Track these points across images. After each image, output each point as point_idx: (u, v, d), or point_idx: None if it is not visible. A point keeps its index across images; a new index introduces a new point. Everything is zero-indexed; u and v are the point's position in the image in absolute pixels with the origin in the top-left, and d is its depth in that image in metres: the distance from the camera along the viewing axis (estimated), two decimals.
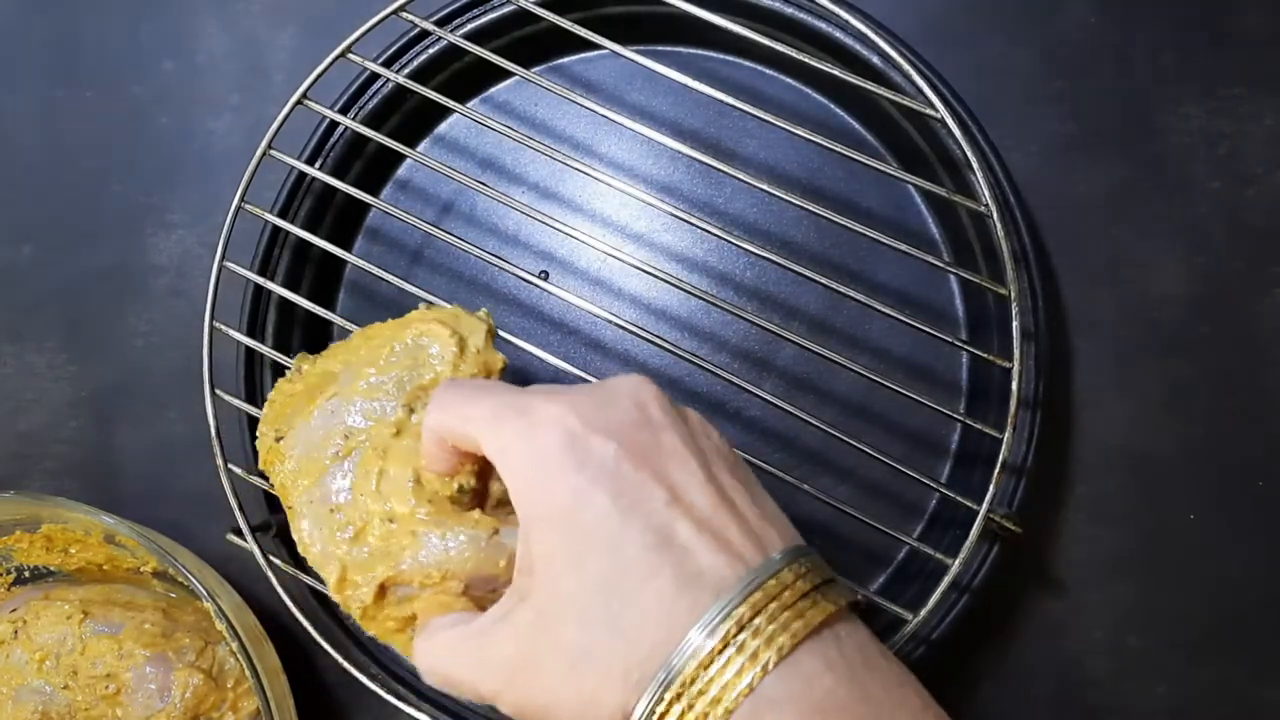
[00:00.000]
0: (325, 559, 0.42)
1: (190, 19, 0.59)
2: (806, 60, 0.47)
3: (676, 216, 0.47)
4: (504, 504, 0.41)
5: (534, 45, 0.55)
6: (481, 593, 0.39)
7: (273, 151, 0.50)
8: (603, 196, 0.56)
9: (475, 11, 0.53)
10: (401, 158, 0.57)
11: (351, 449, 0.42)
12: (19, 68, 0.60)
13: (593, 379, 0.46)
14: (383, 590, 0.40)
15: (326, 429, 0.42)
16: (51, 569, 0.54)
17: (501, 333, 0.46)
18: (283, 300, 0.52)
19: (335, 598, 0.43)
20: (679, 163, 0.56)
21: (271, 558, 0.48)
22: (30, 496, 0.50)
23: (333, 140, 0.54)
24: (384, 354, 0.43)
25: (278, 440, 0.43)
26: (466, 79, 0.55)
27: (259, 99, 0.59)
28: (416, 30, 0.52)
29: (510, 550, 0.39)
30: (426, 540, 0.39)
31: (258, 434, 0.45)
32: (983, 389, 0.52)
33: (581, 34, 0.48)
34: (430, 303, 0.46)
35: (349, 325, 0.49)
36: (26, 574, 0.54)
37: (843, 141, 0.47)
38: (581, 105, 0.48)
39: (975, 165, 0.47)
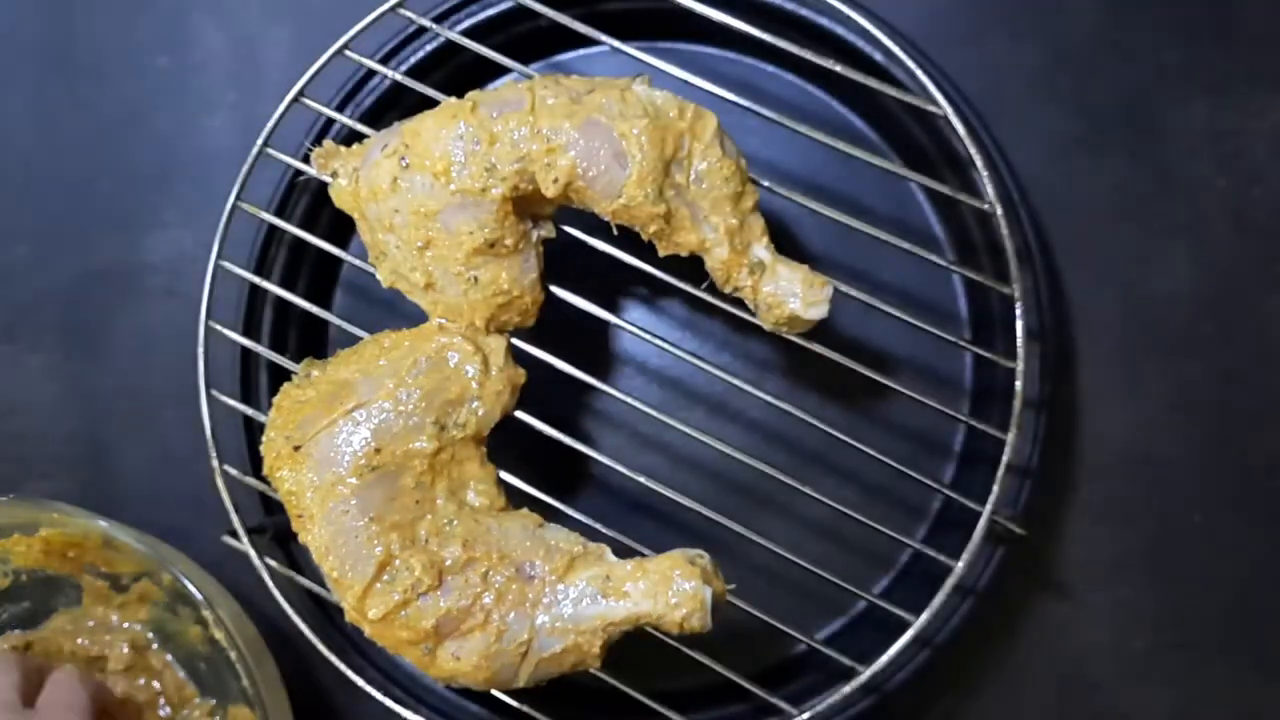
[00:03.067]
0: (349, 569, 0.42)
1: (185, 16, 0.59)
2: (809, 57, 0.47)
3: None
4: None
5: (533, 41, 0.54)
6: (524, 579, 0.43)
7: (269, 150, 0.49)
8: None
9: (473, 8, 0.53)
10: None
11: (386, 462, 0.42)
12: (13, 65, 0.60)
13: (595, 381, 0.46)
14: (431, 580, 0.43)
15: (354, 440, 0.43)
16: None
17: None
18: (279, 300, 0.51)
19: (350, 606, 0.43)
20: None
21: (267, 559, 0.48)
22: (29, 501, 0.50)
23: (329, 138, 0.53)
24: (406, 366, 0.44)
25: (295, 449, 0.43)
26: (464, 76, 0.55)
27: (255, 96, 0.58)
28: (414, 27, 0.51)
29: (548, 542, 0.43)
30: (485, 530, 0.43)
31: (265, 439, 0.45)
32: (987, 389, 0.52)
33: (581, 30, 0.48)
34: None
35: (346, 325, 0.48)
36: (24, 578, 0.53)
37: (845, 139, 0.47)
38: None
39: (979, 163, 0.47)
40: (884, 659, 0.45)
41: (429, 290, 0.44)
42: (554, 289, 0.47)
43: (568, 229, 0.47)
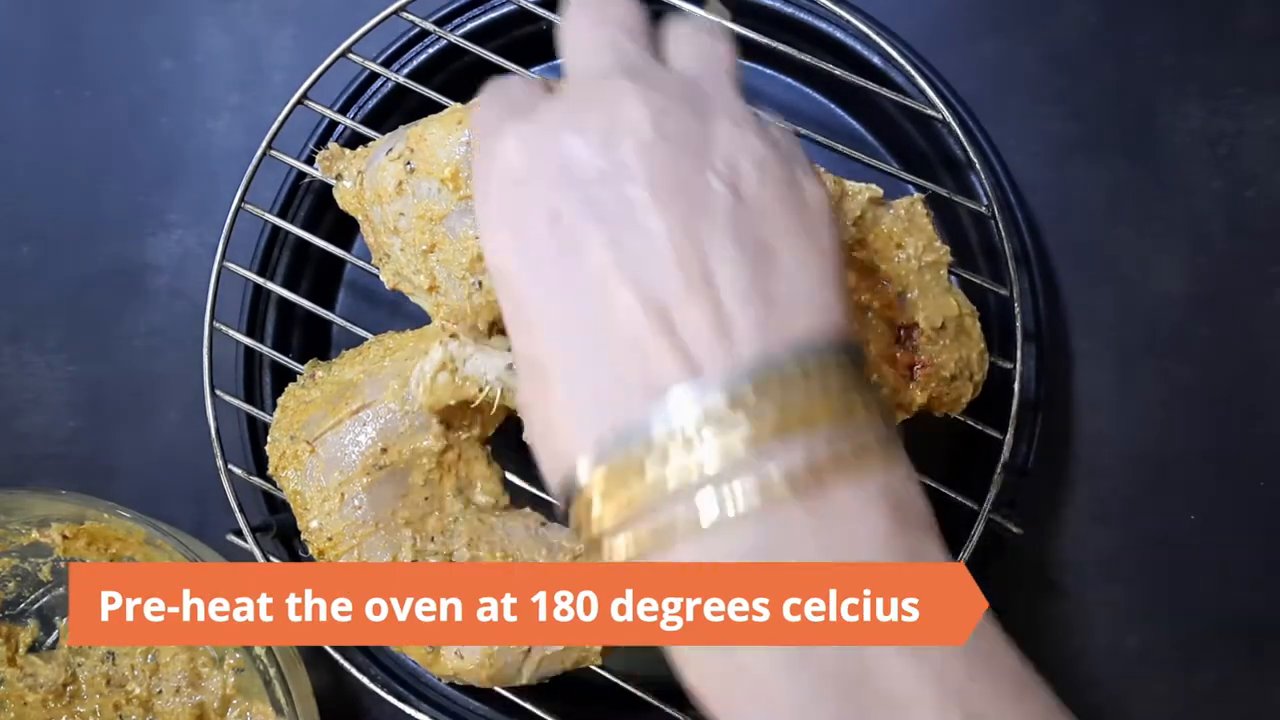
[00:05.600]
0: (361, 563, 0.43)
1: (189, 19, 0.59)
2: (807, 60, 0.47)
3: None
4: None
5: (534, 45, 0.55)
6: None
7: (273, 152, 0.50)
8: None
9: (475, 11, 0.53)
10: None
11: (395, 461, 0.43)
12: (18, 67, 0.60)
13: None
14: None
15: (361, 441, 0.43)
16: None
17: None
18: (282, 300, 0.52)
19: None
20: None
21: (272, 558, 0.48)
22: (75, 497, 0.50)
23: (333, 140, 0.54)
24: (410, 367, 0.44)
25: (302, 449, 0.44)
26: (467, 79, 0.55)
27: (259, 99, 0.59)
28: (416, 30, 0.52)
29: (550, 541, 0.44)
30: (489, 529, 0.43)
31: (270, 439, 0.45)
32: (984, 389, 0.52)
33: None
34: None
35: (349, 326, 0.49)
36: (63, 564, 0.54)
37: (843, 141, 0.47)
38: None
39: (976, 165, 0.47)
40: None
41: (432, 293, 0.45)
42: None
43: None
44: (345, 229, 0.56)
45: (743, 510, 0.25)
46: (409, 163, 0.43)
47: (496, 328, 0.45)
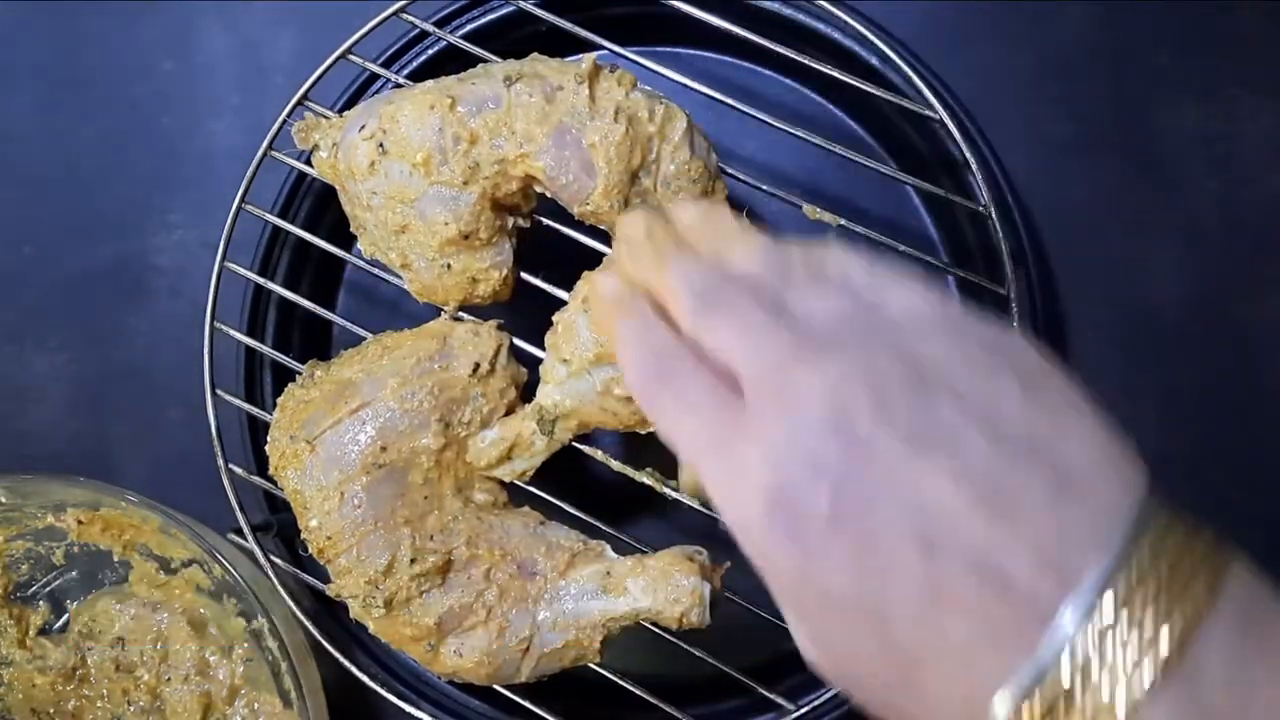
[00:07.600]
0: (360, 562, 0.43)
1: (191, 20, 0.60)
2: (805, 61, 0.47)
3: None
4: None
5: (533, 46, 0.55)
6: (526, 575, 0.43)
7: (273, 152, 0.50)
8: None
9: (475, 13, 0.54)
10: None
11: (394, 460, 0.43)
12: (20, 68, 0.60)
13: None
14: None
15: (360, 439, 0.43)
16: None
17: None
18: (283, 300, 0.52)
19: (357, 601, 0.43)
20: None
21: (273, 557, 0.49)
22: (92, 484, 0.50)
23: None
24: (409, 366, 0.44)
25: (302, 448, 0.44)
26: None
27: (260, 100, 0.59)
28: (417, 31, 0.52)
29: (549, 539, 0.44)
30: (488, 528, 0.44)
31: (270, 439, 0.45)
32: None
33: (581, 35, 0.48)
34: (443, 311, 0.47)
35: (349, 325, 0.49)
36: (76, 549, 0.54)
37: (841, 142, 0.47)
38: None
39: (974, 166, 0.47)
40: None
41: (405, 270, 0.46)
42: (551, 288, 0.47)
43: (555, 225, 0.48)
44: (345, 230, 0.57)
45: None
46: (381, 143, 0.44)
47: (467, 301, 0.46)
